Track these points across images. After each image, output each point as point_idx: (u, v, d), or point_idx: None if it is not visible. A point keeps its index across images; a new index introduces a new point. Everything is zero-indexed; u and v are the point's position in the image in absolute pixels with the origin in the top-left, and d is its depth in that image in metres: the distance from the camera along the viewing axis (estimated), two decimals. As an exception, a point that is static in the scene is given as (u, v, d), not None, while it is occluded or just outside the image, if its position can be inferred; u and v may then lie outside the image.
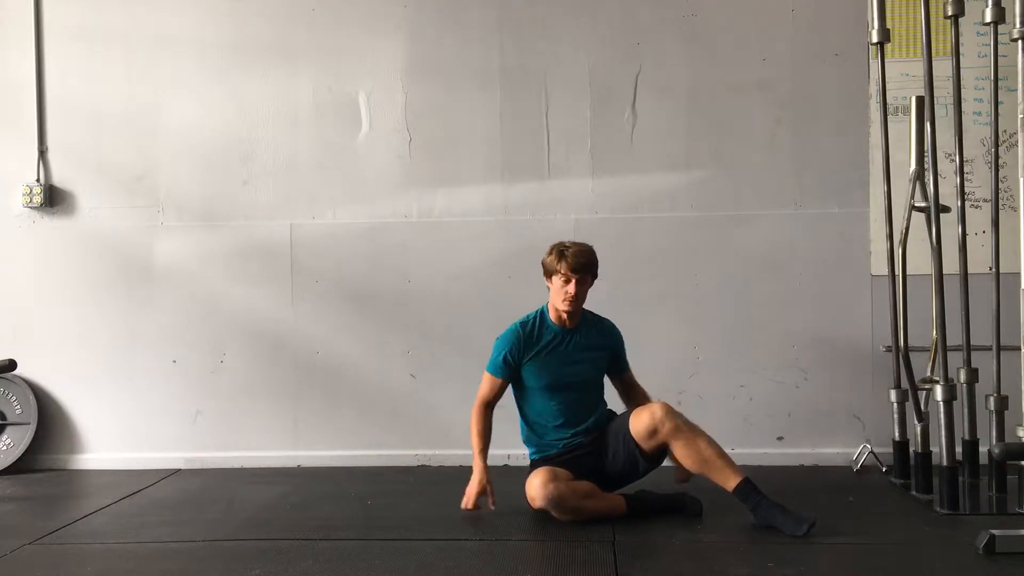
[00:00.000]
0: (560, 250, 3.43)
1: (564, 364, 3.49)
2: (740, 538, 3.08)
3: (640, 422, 3.31)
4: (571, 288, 3.39)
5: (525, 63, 4.33)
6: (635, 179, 4.30)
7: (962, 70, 3.62)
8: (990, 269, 3.65)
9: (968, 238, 3.60)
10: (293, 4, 4.41)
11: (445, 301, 4.34)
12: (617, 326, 3.61)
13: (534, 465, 3.47)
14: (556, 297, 3.44)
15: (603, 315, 3.61)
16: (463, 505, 3.43)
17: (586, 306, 3.52)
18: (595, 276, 3.50)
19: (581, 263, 3.40)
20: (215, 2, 4.42)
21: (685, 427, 3.26)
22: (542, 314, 3.54)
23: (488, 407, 3.51)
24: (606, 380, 3.64)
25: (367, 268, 4.38)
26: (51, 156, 4.48)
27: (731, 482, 3.19)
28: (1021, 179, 3.36)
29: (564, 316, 3.48)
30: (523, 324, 3.52)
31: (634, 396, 3.62)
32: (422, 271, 4.35)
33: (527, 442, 3.56)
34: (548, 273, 3.46)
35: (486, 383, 3.51)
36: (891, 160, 3.89)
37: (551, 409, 3.48)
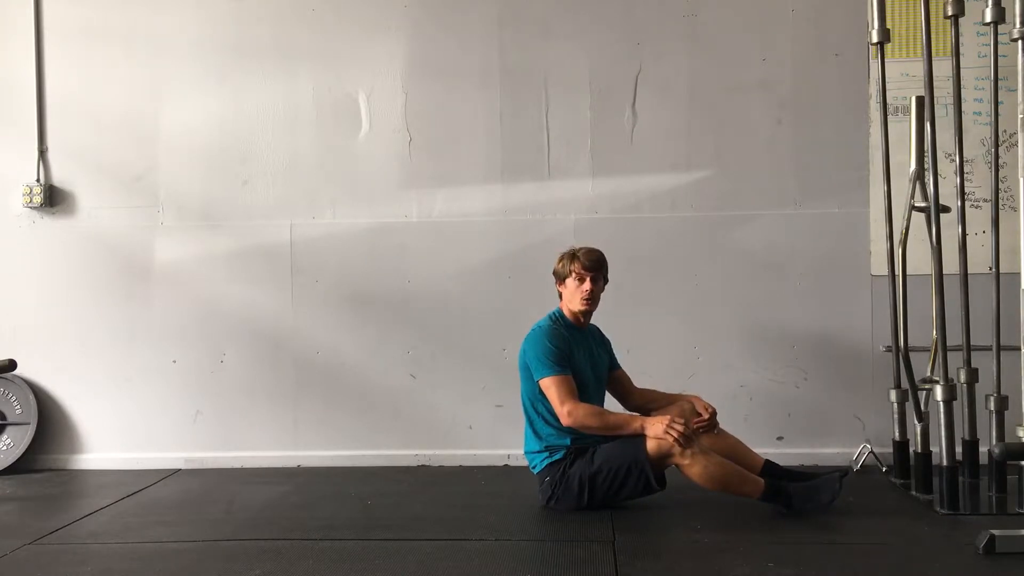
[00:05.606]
0: (571, 253, 3.53)
1: (590, 362, 3.55)
2: (740, 538, 3.08)
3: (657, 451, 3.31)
4: (587, 285, 3.48)
5: (525, 63, 4.33)
6: (635, 179, 4.29)
7: (962, 70, 3.62)
8: (990, 269, 3.65)
9: (968, 238, 3.60)
10: (293, 5, 4.40)
11: (445, 301, 4.33)
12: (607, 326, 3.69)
13: (574, 456, 3.41)
14: (573, 298, 3.51)
15: (603, 315, 3.62)
16: (682, 430, 3.23)
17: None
18: (606, 279, 3.57)
19: (593, 259, 3.51)
20: (215, 2, 4.42)
21: (699, 455, 3.28)
22: (560, 316, 3.56)
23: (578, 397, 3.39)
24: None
25: (367, 268, 4.38)
26: (51, 156, 4.48)
27: (756, 494, 3.31)
28: (1021, 179, 3.36)
29: (580, 317, 3.54)
30: (553, 321, 3.52)
31: (632, 389, 3.70)
32: (422, 271, 4.35)
33: (549, 439, 3.46)
34: (561, 277, 3.54)
35: (564, 383, 3.36)
36: (891, 160, 3.89)
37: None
